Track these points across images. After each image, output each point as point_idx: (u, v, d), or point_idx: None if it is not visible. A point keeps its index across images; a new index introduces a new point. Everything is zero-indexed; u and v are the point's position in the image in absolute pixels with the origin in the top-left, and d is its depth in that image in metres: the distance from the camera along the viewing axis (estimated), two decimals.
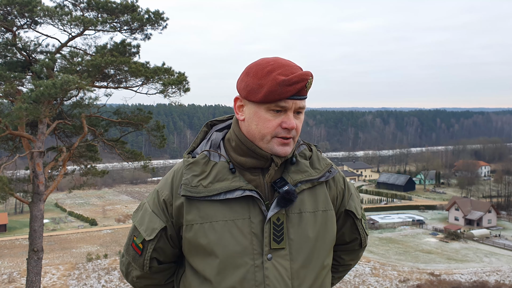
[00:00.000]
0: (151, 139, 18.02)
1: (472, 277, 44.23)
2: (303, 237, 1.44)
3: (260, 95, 1.39)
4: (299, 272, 1.42)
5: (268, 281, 1.38)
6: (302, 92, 1.39)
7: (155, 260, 1.52)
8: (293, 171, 1.49)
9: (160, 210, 1.50)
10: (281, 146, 1.42)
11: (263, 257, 1.40)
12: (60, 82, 12.74)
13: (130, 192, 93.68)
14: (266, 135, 1.41)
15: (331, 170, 1.55)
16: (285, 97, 1.37)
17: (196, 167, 1.46)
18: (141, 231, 1.50)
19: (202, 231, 1.42)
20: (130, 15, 15.60)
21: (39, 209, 15.48)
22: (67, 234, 59.93)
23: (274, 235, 1.41)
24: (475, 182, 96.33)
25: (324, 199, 1.51)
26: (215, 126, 1.62)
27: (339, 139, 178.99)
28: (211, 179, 1.44)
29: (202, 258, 1.44)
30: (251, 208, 1.43)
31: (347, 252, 1.71)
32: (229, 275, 1.39)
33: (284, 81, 1.36)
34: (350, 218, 1.62)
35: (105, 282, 41.39)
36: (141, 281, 1.58)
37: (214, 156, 1.49)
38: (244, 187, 1.42)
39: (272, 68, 1.39)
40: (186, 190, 1.43)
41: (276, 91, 1.36)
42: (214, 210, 1.42)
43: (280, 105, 1.39)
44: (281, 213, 1.43)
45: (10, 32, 15.62)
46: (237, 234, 1.40)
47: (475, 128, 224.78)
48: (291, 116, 1.40)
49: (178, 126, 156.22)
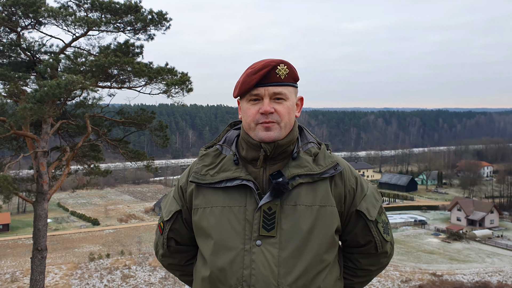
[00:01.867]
0: (154, 139, 18.07)
1: (474, 277, 44.16)
2: (295, 228, 1.51)
3: (237, 90, 1.58)
4: (288, 261, 1.48)
5: (254, 265, 1.47)
6: (272, 78, 1.51)
7: (172, 240, 1.70)
8: (293, 166, 1.57)
9: (178, 196, 1.68)
10: (264, 131, 1.53)
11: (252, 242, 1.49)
12: (65, 82, 12.80)
13: (132, 192, 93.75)
14: (250, 123, 1.55)
15: (337, 168, 1.59)
16: (252, 84, 1.51)
17: (207, 158, 1.63)
18: (163, 213, 1.70)
19: (204, 215, 1.57)
20: (134, 15, 15.64)
21: (43, 208, 15.56)
22: (70, 233, 60.06)
23: (264, 223, 1.50)
24: (478, 182, 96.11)
25: (324, 195, 1.56)
26: (237, 125, 1.76)
27: (341, 139, 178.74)
28: (217, 169, 1.59)
29: (203, 239, 1.58)
30: (247, 197, 1.54)
31: (363, 256, 1.70)
32: (220, 256, 1.51)
33: (251, 71, 1.51)
34: (361, 219, 1.64)
35: (107, 281, 41.48)
36: (165, 260, 1.77)
37: (225, 150, 1.64)
38: (243, 177, 1.54)
39: (250, 66, 1.55)
40: (194, 177, 1.61)
41: (245, 81, 1.52)
42: (215, 196, 1.57)
43: (254, 94, 1.53)
44: (274, 203, 1.52)
45: (14, 32, 15.69)
46: (232, 219, 1.52)
47: (477, 128, 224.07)
48: (266, 101, 1.52)
49: (180, 126, 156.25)
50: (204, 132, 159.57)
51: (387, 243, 1.68)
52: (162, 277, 42.19)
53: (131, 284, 40.92)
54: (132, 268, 45.16)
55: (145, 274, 43.41)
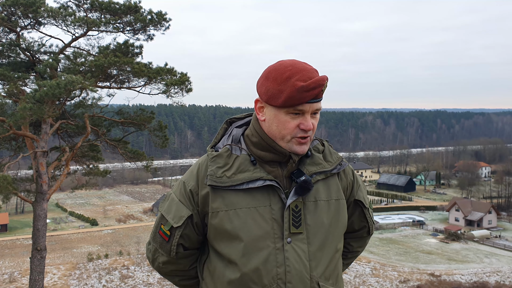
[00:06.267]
0: (153, 139, 18.09)
1: (473, 277, 44.28)
2: (319, 223, 1.58)
3: (280, 100, 1.49)
4: (316, 254, 1.56)
5: (289, 262, 1.51)
6: (319, 96, 1.51)
7: (181, 246, 1.65)
8: (309, 164, 1.62)
9: (186, 200, 1.62)
10: (299, 145, 1.54)
11: (283, 240, 1.53)
12: (64, 82, 12.82)
13: (130, 192, 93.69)
14: (286, 135, 1.53)
15: (342, 163, 1.69)
16: (304, 102, 1.48)
17: (219, 160, 1.59)
18: (169, 219, 1.63)
19: (227, 217, 1.54)
20: (133, 16, 15.67)
21: (43, 208, 15.57)
22: (68, 234, 60.00)
23: (293, 221, 1.54)
24: (476, 183, 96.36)
25: (336, 189, 1.65)
26: (234, 123, 1.75)
27: (339, 140, 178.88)
28: (234, 170, 1.56)
29: (227, 242, 1.56)
30: (271, 196, 1.56)
31: (355, 239, 1.86)
32: (253, 257, 1.52)
33: (303, 87, 1.46)
34: (358, 207, 1.77)
35: (106, 282, 41.46)
36: (167, 267, 1.71)
37: (235, 150, 1.62)
38: (265, 178, 1.54)
39: (290, 74, 1.49)
40: (212, 180, 1.55)
41: (295, 96, 1.47)
42: (238, 198, 1.55)
43: (299, 109, 1.50)
44: (298, 201, 1.56)
45: (14, 32, 15.70)
46: (259, 219, 1.53)
47: (475, 129, 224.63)
48: (308, 118, 1.51)
49: (179, 126, 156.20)
50: (202, 132, 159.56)
51: (374, 225, 1.86)
52: (160, 277, 42.17)
53: (129, 285, 40.91)
54: (131, 269, 45.15)
55: (144, 275, 43.40)
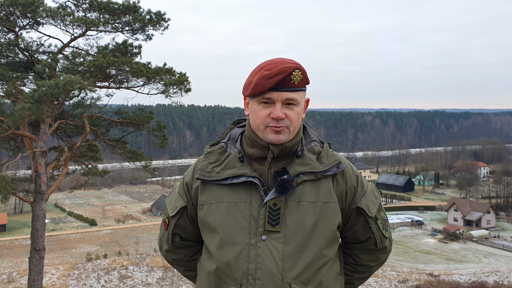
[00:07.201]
0: (152, 139, 18.08)
1: (471, 277, 44.32)
2: (299, 224, 1.56)
3: (249, 90, 1.56)
4: (292, 255, 1.54)
5: (260, 259, 1.52)
6: (287, 84, 1.53)
7: (177, 235, 1.74)
8: (297, 163, 1.61)
9: (183, 192, 1.72)
10: (274, 134, 1.56)
11: (257, 237, 1.54)
12: (63, 82, 12.81)
13: (129, 192, 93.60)
14: (259, 125, 1.57)
15: (339, 166, 1.64)
16: (267, 88, 1.52)
17: (212, 156, 1.66)
18: (168, 209, 1.73)
19: (210, 211, 1.61)
20: (132, 16, 15.66)
21: (41, 208, 15.55)
22: (67, 234, 59.91)
23: (269, 218, 1.54)
24: (474, 183, 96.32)
25: (327, 192, 1.61)
26: (240, 123, 1.80)
27: (338, 140, 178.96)
28: (223, 166, 1.62)
29: (209, 234, 1.62)
30: (253, 193, 1.58)
31: (363, 252, 1.75)
32: (226, 251, 1.55)
33: (266, 74, 1.52)
34: (362, 216, 1.69)
35: (105, 282, 41.41)
36: (169, 255, 1.80)
37: (230, 148, 1.67)
38: (248, 174, 1.58)
39: (263, 66, 1.56)
40: (200, 174, 1.64)
41: (259, 84, 1.52)
42: (222, 193, 1.60)
43: (266, 97, 1.54)
44: (278, 199, 1.56)
45: (12, 32, 15.68)
46: (238, 215, 1.57)
47: (474, 129, 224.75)
48: (278, 107, 1.54)
49: (178, 126, 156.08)
50: (201, 132, 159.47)
51: (386, 239, 1.74)
52: (159, 277, 42.16)
53: (128, 285, 40.87)
54: (130, 269, 45.10)
55: (143, 275, 43.36)
